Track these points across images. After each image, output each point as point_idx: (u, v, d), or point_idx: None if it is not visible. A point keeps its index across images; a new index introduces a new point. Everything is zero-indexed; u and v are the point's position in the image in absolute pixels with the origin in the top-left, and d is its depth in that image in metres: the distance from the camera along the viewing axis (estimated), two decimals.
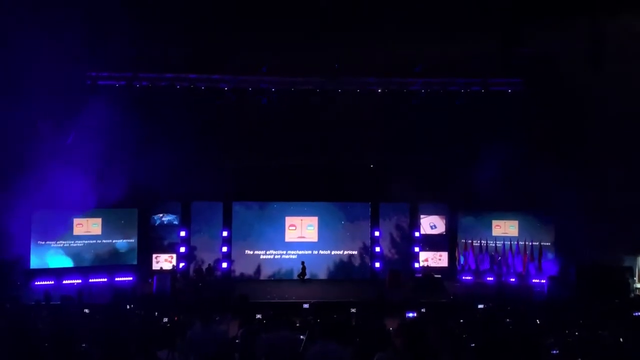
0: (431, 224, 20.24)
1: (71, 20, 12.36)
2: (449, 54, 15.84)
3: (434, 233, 20.22)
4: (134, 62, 17.03)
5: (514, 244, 18.99)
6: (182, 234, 19.21)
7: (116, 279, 18.03)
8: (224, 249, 19.27)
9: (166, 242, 19.37)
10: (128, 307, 12.58)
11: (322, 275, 19.76)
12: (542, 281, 17.81)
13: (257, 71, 17.93)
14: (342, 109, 18.67)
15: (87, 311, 11.87)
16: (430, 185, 18.85)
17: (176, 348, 7.04)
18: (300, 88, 18.62)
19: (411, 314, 11.65)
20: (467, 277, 19.17)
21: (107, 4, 12.49)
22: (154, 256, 19.20)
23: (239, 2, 13.29)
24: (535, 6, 13.09)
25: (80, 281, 17.44)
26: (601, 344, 8.83)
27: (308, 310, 13.14)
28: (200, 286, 17.33)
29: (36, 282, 17.01)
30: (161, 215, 19.47)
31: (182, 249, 19.06)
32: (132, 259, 18.90)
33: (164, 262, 19.13)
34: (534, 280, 18.39)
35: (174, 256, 19.14)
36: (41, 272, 17.49)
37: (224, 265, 19.14)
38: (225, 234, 19.40)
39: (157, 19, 13.51)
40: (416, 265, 19.69)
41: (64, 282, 17.34)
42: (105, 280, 17.89)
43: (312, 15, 13.39)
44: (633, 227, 16.09)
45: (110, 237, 18.68)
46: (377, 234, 19.94)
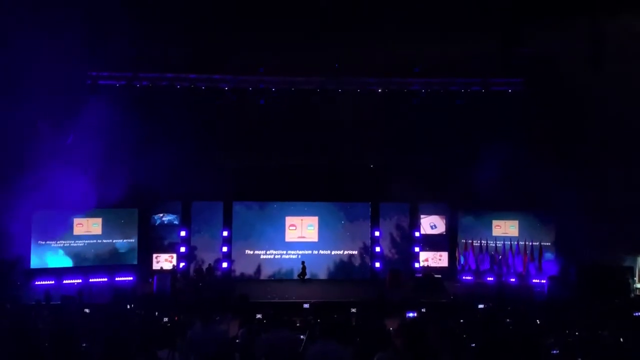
0: (431, 224, 20.23)
1: (71, 20, 12.39)
2: (449, 54, 15.86)
3: (434, 233, 20.21)
4: (134, 62, 17.07)
5: (514, 244, 18.98)
6: (183, 233, 19.20)
7: (116, 279, 18.03)
8: (224, 248, 19.26)
9: (166, 242, 19.37)
10: (128, 307, 12.61)
11: (323, 275, 19.75)
12: (543, 281, 17.80)
13: (257, 71, 17.97)
14: (343, 108, 18.68)
15: (88, 311, 11.90)
16: (430, 185, 18.81)
17: (176, 348, 7.04)
18: (301, 88, 18.63)
19: (411, 314, 11.67)
20: (467, 277, 19.16)
21: (108, 4, 12.51)
22: (154, 256, 19.19)
23: (239, 2, 13.31)
24: (535, 6, 13.10)
25: (80, 281, 17.45)
26: (601, 344, 8.83)
27: (308, 310, 13.17)
28: (200, 286, 17.35)
29: (36, 282, 17.02)
30: (161, 215, 19.47)
31: (183, 249, 19.06)
32: (132, 258, 18.90)
33: (164, 262, 19.13)
34: (534, 280, 18.38)
35: (174, 256, 19.14)
36: (41, 271, 17.50)
37: (224, 265, 19.13)
38: (225, 233, 19.39)
39: (157, 19, 13.54)
40: (416, 265, 19.68)
41: (64, 282, 17.35)
42: (106, 280, 17.89)
43: (312, 15, 13.41)
44: (633, 227, 16.08)
45: (111, 237, 18.68)
46: (377, 233, 19.92)
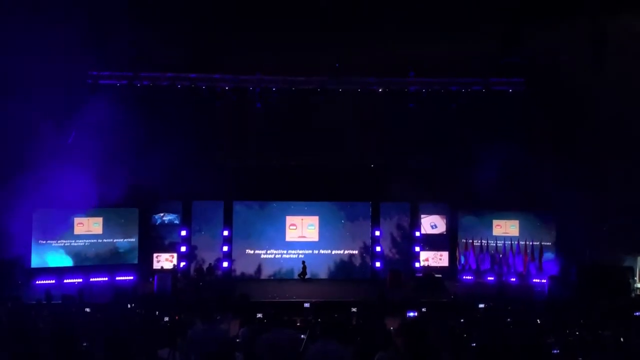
0: (432, 224, 20.22)
1: (72, 20, 12.39)
2: (449, 54, 15.85)
3: (434, 233, 20.20)
4: (134, 62, 17.09)
5: (514, 243, 18.98)
6: (183, 233, 19.21)
7: (117, 278, 18.02)
8: (225, 248, 19.26)
9: (167, 242, 19.38)
10: (129, 307, 12.60)
11: (323, 274, 19.75)
12: (543, 281, 17.79)
13: (257, 71, 17.98)
14: (343, 108, 18.67)
15: (88, 310, 11.89)
16: (430, 185, 18.84)
17: (177, 347, 7.05)
18: (301, 88, 18.62)
19: (412, 313, 11.68)
20: (468, 277, 19.16)
21: (108, 4, 12.53)
22: (154, 255, 19.21)
23: (238, 2, 13.32)
24: (535, 6, 13.11)
25: (81, 280, 17.44)
26: (602, 343, 8.83)
27: (309, 310, 13.17)
28: (201, 285, 17.36)
29: (37, 281, 17.02)
30: (162, 214, 19.47)
31: (183, 249, 19.06)
32: (133, 258, 18.91)
33: (164, 261, 19.15)
34: (534, 280, 18.39)
35: (175, 255, 19.16)
36: (42, 271, 17.51)
37: (225, 264, 19.13)
38: (226, 233, 19.39)
39: (157, 19, 13.55)
40: (417, 264, 19.67)
41: (64, 281, 17.35)
42: (106, 279, 17.89)
43: (312, 15, 13.42)
44: (633, 227, 16.08)
45: (111, 236, 18.68)
46: (377, 233, 19.91)
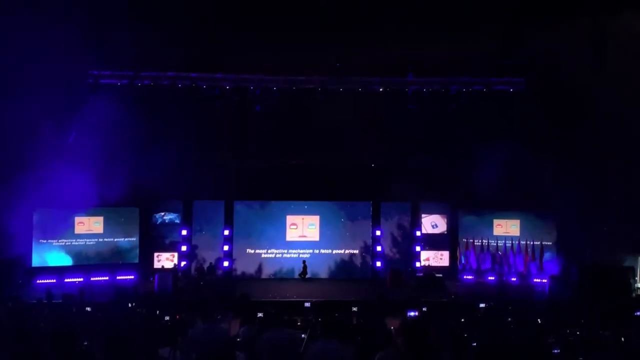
0: (432, 223, 20.21)
1: (73, 20, 12.40)
2: (449, 53, 15.84)
3: (435, 232, 20.19)
4: (135, 61, 17.07)
5: (515, 243, 18.98)
6: (184, 232, 19.21)
7: (118, 278, 18.03)
8: (225, 247, 19.26)
9: (168, 241, 19.39)
10: (130, 306, 12.61)
11: (323, 274, 19.74)
12: (544, 281, 17.78)
13: (258, 71, 17.97)
14: (344, 108, 18.67)
15: (89, 309, 11.89)
16: (431, 185, 18.80)
17: (178, 346, 7.04)
18: (301, 87, 18.61)
19: (412, 313, 11.68)
20: (469, 277, 19.16)
21: (108, 4, 12.53)
22: (155, 255, 19.21)
23: (239, 2, 13.32)
24: (535, 6, 13.09)
25: (82, 279, 17.45)
26: (602, 343, 8.84)
27: (309, 309, 13.17)
28: (201, 285, 17.38)
29: (38, 281, 17.03)
30: (163, 214, 19.47)
31: (184, 248, 19.06)
32: (133, 257, 18.90)
33: (165, 260, 19.16)
34: (535, 279, 18.39)
35: (176, 255, 19.17)
36: (43, 270, 17.51)
37: (225, 264, 19.13)
38: (226, 232, 19.39)
39: (157, 18, 13.54)
40: (417, 264, 19.66)
41: (65, 280, 17.35)
42: (107, 278, 17.89)
43: (312, 15, 13.41)
44: (634, 226, 16.07)
45: (112, 235, 18.69)
46: (378, 233, 19.90)
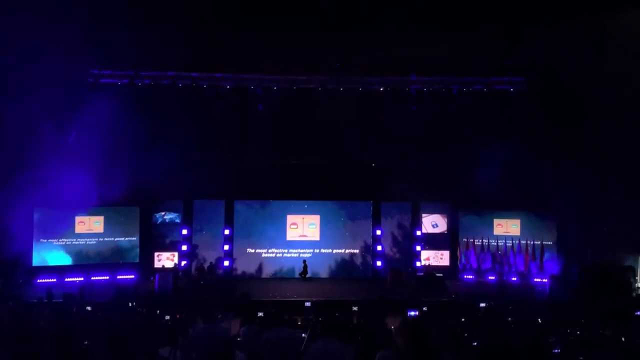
0: (433, 223, 20.20)
1: (73, 19, 12.40)
2: (449, 53, 15.85)
3: (435, 232, 20.18)
4: (136, 61, 17.07)
5: (515, 243, 18.98)
6: (184, 232, 19.21)
7: (118, 277, 18.03)
8: (226, 247, 19.26)
9: (168, 241, 19.38)
10: (130, 305, 12.62)
11: (324, 273, 19.74)
12: (544, 280, 17.76)
13: (258, 70, 17.97)
14: (344, 107, 18.68)
15: (89, 309, 11.91)
16: (431, 184, 18.79)
17: (178, 346, 7.05)
18: (302, 87, 18.61)
19: (413, 312, 11.70)
20: (469, 276, 19.15)
21: (108, 4, 12.53)
22: (155, 254, 19.21)
23: (239, 2, 13.31)
24: (535, 6, 13.09)
25: (82, 279, 17.45)
26: (603, 343, 8.84)
27: (310, 309, 13.19)
28: (202, 284, 17.40)
29: (38, 280, 17.04)
30: (163, 213, 19.46)
31: (184, 247, 19.06)
32: (134, 257, 18.90)
33: (165, 260, 19.15)
34: (535, 279, 18.39)
35: (176, 254, 19.16)
36: (43, 269, 17.52)
37: (226, 263, 19.14)
38: (227, 232, 19.39)
39: (157, 19, 13.55)
40: (418, 264, 19.66)
41: (66, 279, 17.36)
42: (108, 278, 17.89)
43: (312, 15, 13.41)
44: (634, 226, 16.06)
45: (113, 235, 18.69)
46: (378, 232, 19.89)
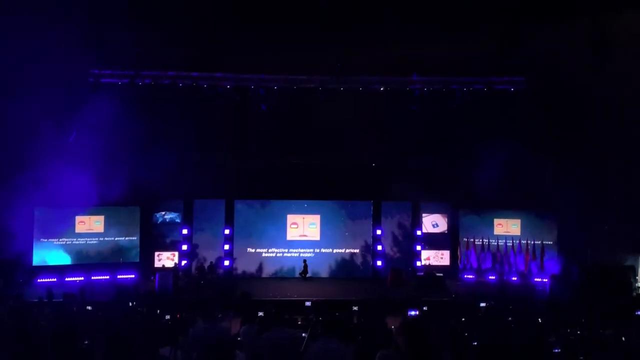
0: (433, 223, 20.20)
1: (74, 19, 12.40)
2: (449, 53, 15.84)
3: (436, 232, 20.18)
4: (136, 60, 17.05)
5: (515, 242, 18.98)
6: (184, 231, 19.22)
7: (118, 277, 18.04)
8: (226, 246, 19.28)
9: (168, 240, 19.39)
10: (130, 305, 12.62)
11: (324, 273, 19.74)
12: (544, 280, 17.76)
13: (258, 70, 17.97)
14: (344, 107, 18.67)
15: (90, 308, 11.91)
16: (432, 184, 18.79)
17: (178, 345, 7.05)
18: (302, 86, 18.60)
19: (413, 312, 11.71)
20: (469, 276, 19.15)
21: (108, 4, 12.53)
22: (156, 254, 19.22)
23: (239, 2, 13.30)
24: (535, 6, 13.07)
25: (82, 278, 17.47)
26: (603, 343, 8.83)
27: (310, 308, 13.19)
28: (202, 284, 17.41)
29: (39, 280, 17.05)
30: (163, 213, 19.46)
31: (184, 247, 19.07)
32: (134, 256, 18.90)
33: (166, 259, 19.17)
34: (536, 279, 18.39)
35: (176, 254, 19.17)
36: (44, 269, 17.53)
37: (226, 263, 19.15)
38: (227, 232, 19.40)
39: (157, 19, 13.55)
40: (418, 263, 19.67)
41: (66, 279, 17.37)
42: (108, 277, 17.91)
43: (312, 15, 13.40)
44: (634, 226, 16.05)
45: (113, 234, 18.69)
46: (379, 232, 19.89)
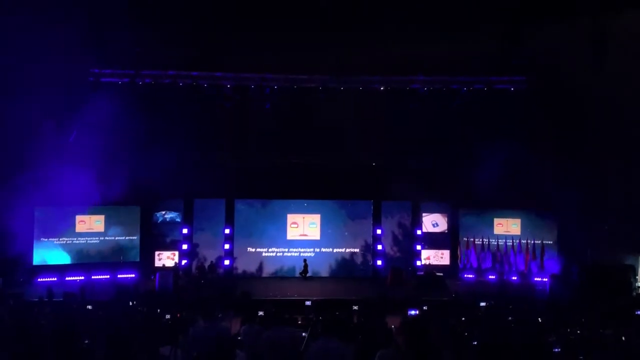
0: (433, 222, 20.21)
1: (74, 18, 12.40)
2: (449, 53, 15.83)
3: (436, 231, 20.19)
4: (136, 60, 17.06)
5: (515, 242, 18.98)
6: (185, 231, 19.22)
7: (119, 276, 18.05)
8: (226, 246, 19.28)
9: (168, 240, 19.39)
10: (130, 304, 12.63)
11: (324, 272, 19.75)
12: (544, 280, 17.76)
13: (258, 70, 17.97)
14: (345, 106, 18.67)
15: (90, 308, 11.93)
16: (432, 184, 18.80)
17: (178, 345, 7.06)
18: (302, 86, 18.60)
19: (413, 311, 11.71)
20: (469, 275, 19.16)
21: (108, 4, 12.53)
22: (156, 253, 19.22)
23: (239, 2, 13.31)
24: (535, 6, 13.07)
25: (83, 278, 17.48)
26: (603, 342, 8.84)
27: (310, 308, 13.20)
28: (202, 283, 17.42)
29: (39, 279, 17.07)
30: (163, 212, 19.46)
31: (185, 246, 19.08)
32: (134, 256, 18.92)
33: (166, 259, 19.17)
34: (536, 278, 18.39)
35: (177, 253, 19.18)
36: (44, 268, 17.55)
37: (226, 262, 19.17)
38: (227, 231, 19.40)
39: (157, 19, 13.55)
40: (418, 263, 19.68)
41: (66, 278, 17.38)
42: (108, 277, 17.92)
43: (312, 15, 13.40)
44: (634, 226, 16.05)
45: (113, 234, 18.70)
46: (379, 232, 19.90)
